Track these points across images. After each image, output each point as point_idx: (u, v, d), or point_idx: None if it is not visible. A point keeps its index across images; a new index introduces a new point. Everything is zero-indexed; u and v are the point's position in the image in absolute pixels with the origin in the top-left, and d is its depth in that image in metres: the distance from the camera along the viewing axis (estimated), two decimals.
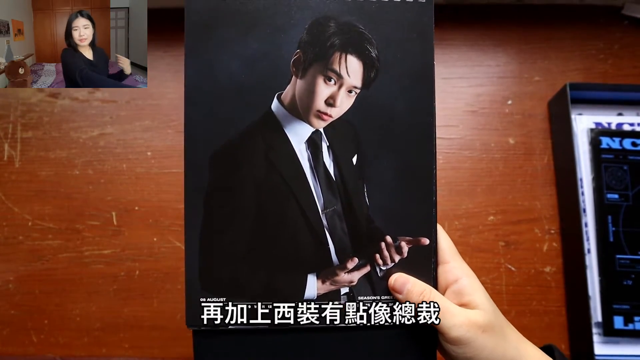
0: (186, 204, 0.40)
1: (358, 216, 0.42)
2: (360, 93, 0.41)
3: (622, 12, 0.76)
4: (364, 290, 0.41)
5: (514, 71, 0.75)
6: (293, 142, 0.42)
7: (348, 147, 0.42)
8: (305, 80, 0.41)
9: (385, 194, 0.42)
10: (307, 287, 0.41)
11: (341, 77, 0.41)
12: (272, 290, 0.41)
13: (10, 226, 0.70)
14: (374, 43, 0.41)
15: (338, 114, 0.41)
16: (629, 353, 0.63)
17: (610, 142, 0.68)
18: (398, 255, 0.41)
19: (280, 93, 0.41)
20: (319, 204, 0.42)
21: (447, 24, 0.76)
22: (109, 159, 0.71)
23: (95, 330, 0.66)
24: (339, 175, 0.43)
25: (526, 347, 0.41)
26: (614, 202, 0.66)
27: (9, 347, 0.66)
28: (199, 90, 0.41)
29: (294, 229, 0.41)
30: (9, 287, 0.68)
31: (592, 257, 0.65)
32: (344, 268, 0.41)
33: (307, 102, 0.41)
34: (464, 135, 0.72)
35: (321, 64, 0.41)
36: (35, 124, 0.73)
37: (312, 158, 0.42)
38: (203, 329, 0.41)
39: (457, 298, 0.40)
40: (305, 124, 0.42)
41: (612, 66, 0.75)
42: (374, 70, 0.41)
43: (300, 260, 0.41)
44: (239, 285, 0.41)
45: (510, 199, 0.70)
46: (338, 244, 0.42)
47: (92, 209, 0.70)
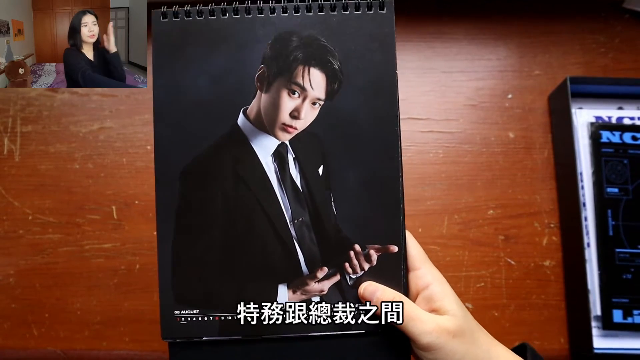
0: (158, 219, 0.41)
1: (326, 226, 0.42)
2: (325, 105, 0.42)
3: (623, 5, 0.76)
4: (334, 299, 0.42)
5: (514, 65, 0.74)
6: (260, 155, 0.42)
7: (314, 159, 0.43)
8: (269, 94, 0.42)
9: (352, 204, 0.42)
10: (278, 298, 0.41)
11: (305, 90, 0.41)
12: (244, 302, 0.41)
13: (11, 220, 0.70)
14: (336, 55, 0.42)
15: (303, 126, 0.42)
16: (628, 346, 0.63)
17: (610, 136, 0.68)
18: (367, 263, 0.42)
19: (245, 108, 0.42)
20: (287, 215, 0.42)
21: (446, 17, 0.76)
22: (109, 152, 0.71)
23: (96, 323, 0.66)
24: (306, 186, 0.43)
25: (497, 349, 0.41)
26: (614, 196, 0.66)
27: (9, 341, 0.66)
28: (167, 107, 0.42)
29: (263, 241, 0.42)
30: (9, 281, 0.68)
31: (591, 251, 0.65)
32: (314, 277, 0.42)
33: (272, 116, 0.42)
34: (464, 129, 0.72)
35: (285, 77, 0.41)
36: (35, 118, 0.73)
37: (278, 170, 0.43)
38: (178, 341, 0.42)
39: (428, 304, 0.41)
40: (271, 137, 0.43)
41: (613, 60, 0.74)
42: (337, 81, 0.42)
43: (271, 271, 0.42)
44: (211, 297, 0.41)
45: (510, 193, 0.70)
46: (307, 254, 0.42)
47: (92, 202, 0.70)
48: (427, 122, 0.72)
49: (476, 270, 0.68)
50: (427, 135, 0.72)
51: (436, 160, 0.71)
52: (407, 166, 0.71)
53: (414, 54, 0.75)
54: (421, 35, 0.76)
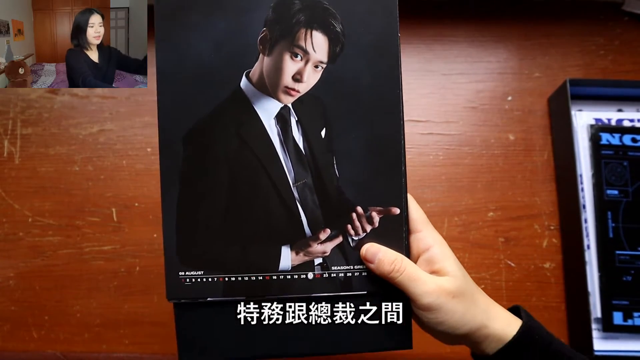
0: (162, 182, 0.42)
1: (328, 188, 0.43)
2: (327, 68, 0.42)
3: (622, 8, 0.76)
4: (337, 261, 0.42)
5: (514, 67, 0.75)
6: (262, 118, 0.43)
7: (316, 121, 0.43)
8: (272, 57, 0.42)
9: (354, 166, 0.43)
10: (281, 259, 0.42)
11: (307, 53, 0.41)
12: (247, 263, 0.42)
13: (10, 222, 0.70)
14: (338, 18, 0.42)
15: (305, 89, 0.42)
16: (628, 349, 0.63)
17: (610, 138, 0.68)
18: (369, 225, 0.42)
19: (248, 71, 0.42)
20: (289, 177, 0.43)
21: (447, 19, 0.76)
22: (109, 155, 0.71)
23: (96, 326, 0.66)
24: (308, 149, 0.43)
25: (495, 309, 0.42)
26: (614, 198, 0.66)
27: (9, 343, 0.66)
28: (170, 73, 0.42)
29: (267, 203, 0.42)
30: (9, 284, 0.68)
31: (591, 253, 0.65)
32: (316, 239, 0.42)
33: (274, 79, 0.42)
34: (464, 132, 0.72)
35: (287, 40, 0.41)
36: (34, 120, 0.73)
37: (281, 133, 0.43)
38: (183, 302, 0.42)
39: (429, 266, 0.42)
40: (274, 100, 0.43)
41: (612, 62, 0.75)
42: (340, 44, 0.42)
43: (274, 232, 0.42)
44: (215, 258, 0.42)
45: (510, 195, 0.70)
46: (310, 216, 0.42)
47: (92, 205, 0.70)
48: (427, 125, 0.73)
49: (476, 272, 0.68)
50: (427, 137, 0.72)
51: (436, 162, 0.71)
52: (407, 168, 0.71)
53: (414, 56, 0.75)
54: (421, 37, 0.76)
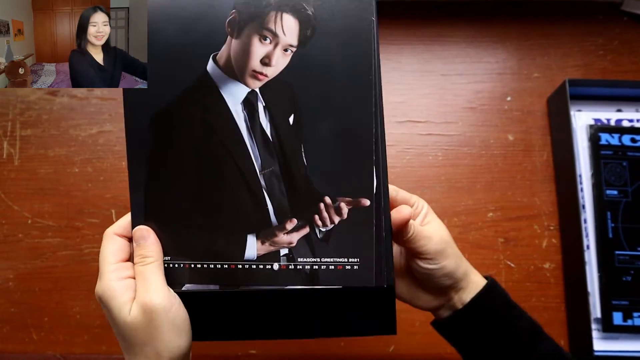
0: (130, 167, 0.41)
1: (296, 177, 0.41)
2: (297, 52, 0.41)
3: (621, 8, 0.76)
4: (303, 252, 0.41)
5: (513, 68, 0.75)
6: (229, 103, 0.41)
7: (284, 107, 0.42)
8: (240, 40, 0.41)
9: (323, 155, 0.41)
10: (247, 248, 0.41)
11: (277, 36, 0.40)
12: (213, 251, 0.41)
13: (10, 224, 0.70)
14: (310, 1, 0.40)
15: (274, 74, 0.41)
16: (628, 349, 0.63)
17: (609, 139, 0.68)
18: (337, 216, 0.41)
19: (215, 54, 0.41)
20: (256, 164, 0.41)
21: (445, 20, 0.76)
22: (108, 156, 0.71)
23: (95, 327, 0.66)
24: (276, 136, 0.42)
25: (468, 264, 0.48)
26: (613, 198, 0.66)
27: (9, 345, 0.66)
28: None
29: (233, 190, 0.41)
30: (8, 285, 0.68)
31: (591, 253, 0.65)
32: (283, 229, 0.41)
33: (242, 62, 0.41)
34: (463, 132, 0.72)
35: (256, 23, 0.40)
36: (34, 121, 0.73)
37: (248, 119, 0.42)
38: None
39: (419, 221, 0.45)
40: (241, 85, 0.41)
41: (612, 62, 0.75)
42: (310, 28, 0.40)
43: (240, 221, 0.41)
44: (181, 244, 0.42)
45: (509, 196, 0.70)
46: (277, 205, 0.41)
47: (92, 206, 0.70)
48: (426, 125, 0.73)
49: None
50: (426, 138, 0.72)
51: (435, 163, 0.71)
52: (407, 169, 0.71)
53: (413, 57, 0.75)
54: (420, 38, 0.76)
